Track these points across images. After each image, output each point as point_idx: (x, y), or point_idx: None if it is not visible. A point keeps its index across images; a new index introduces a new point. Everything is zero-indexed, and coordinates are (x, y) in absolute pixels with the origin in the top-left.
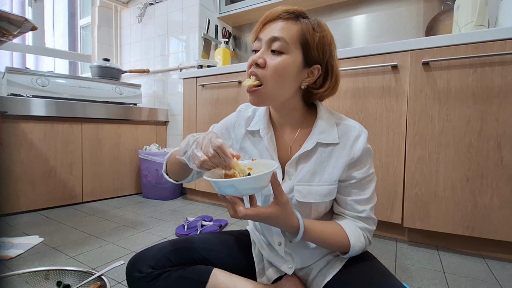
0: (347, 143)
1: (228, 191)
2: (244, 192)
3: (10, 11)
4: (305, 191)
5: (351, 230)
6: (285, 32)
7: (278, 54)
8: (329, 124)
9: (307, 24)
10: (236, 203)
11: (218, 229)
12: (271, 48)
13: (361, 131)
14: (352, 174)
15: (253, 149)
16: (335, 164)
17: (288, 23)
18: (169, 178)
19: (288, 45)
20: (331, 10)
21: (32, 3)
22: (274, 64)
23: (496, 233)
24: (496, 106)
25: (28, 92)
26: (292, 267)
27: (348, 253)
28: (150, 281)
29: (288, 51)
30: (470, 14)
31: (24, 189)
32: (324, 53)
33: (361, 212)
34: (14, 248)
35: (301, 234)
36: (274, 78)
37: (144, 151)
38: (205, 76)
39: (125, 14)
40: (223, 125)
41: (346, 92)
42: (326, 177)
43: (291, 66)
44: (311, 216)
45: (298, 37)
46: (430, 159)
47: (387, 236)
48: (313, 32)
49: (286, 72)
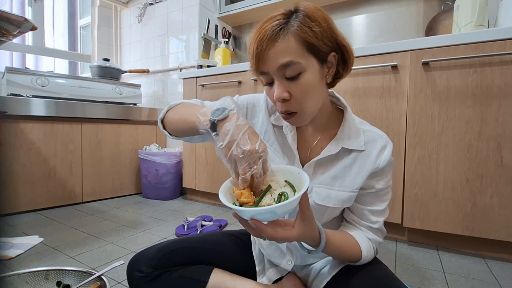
0: (372, 151)
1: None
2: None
3: (10, 11)
4: (325, 194)
5: (363, 242)
6: (288, 53)
7: (297, 78)
8: (355, 130)
9: (300, 27)
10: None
11: (218, 229)
12: (285, 76)
13: (387, 141)
14: (373, 184)
15: (276, 136)
16: (358, 171)
17: (283, 40)
18: (163, 129)
19: (299, 63)
20: (331, 10)
21: (32, 3)
22: (301, 90)
23: (496, 233)
24: (496, 106)
25: (28, 92)
26: (291, 262)
27: (357, 264)
28: (150, 281)
29: (303, 68)
30: (470, 14)
31: (24, 189)
32: (330, 39)
33: (375, 223)
34: (14, 248)
35: (323, 246)
36: (307, 102)
37: (144, 151)
38: (205, 76)
39: (125, 14)
40: (251, 101)
41: (346, 92)
42: (348, 183)
43: (314, 78)
44: (321, 220)
45: (302, 47)
46: (430, 159)
47: (387, 236)
48: (311, 31)
49: (313, 88)
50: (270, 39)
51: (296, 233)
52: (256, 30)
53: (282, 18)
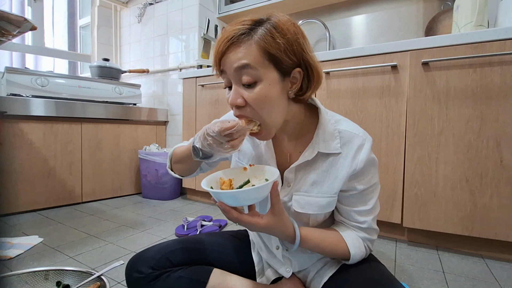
0: (349, 153)
1: (228, 201)
2: (244, 203)
3: (10, 11)
4: (304, 202)
5: (351, 240)
6: (247, 57)
7: (253, 86)
8: (330, 133)
9: (263, 36)
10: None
11: (217, 229)
12: (242, 82)
13: (364, 139)
14: (354, 186)
15: (252, 150)
16: (335, 175)
17: (245, 46)
18: (174, 173)
19: (257, 70)
20: (331, 10)
21: (32, 3)
22: (255, 99)
23: (495, 233)
24: (496, 106)
25: (27, 92)
26: (290, 271)
27: (349, 262)
28: (149, 282)
29: (260, 76)
30: (470, 14)
31: (24, 189)
32: (296, 54)
33: (363, 223)
34: (13, 248)
35: (298, 243)
36: (263, 113)
37: (143, 151)
38: (204, 76)
39: (125, 14)
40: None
41: (345, 92)
42: (326, 188)
43: (271, 89)
44: (309, 224)
45: (263, 55)
46: (430, 159)
47: (387, 236)
48: (274, 41)
49: (270, 100)
50: (232, 42)
51: (264, 223)
52: (223, 31)
53: (250, 24)
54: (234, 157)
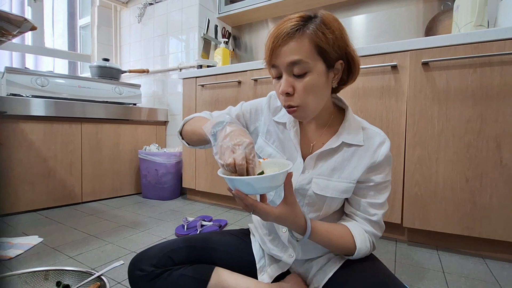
0: (371, 147)
1: (243, 189)
2: (259, 191)
3: (10, 11)
4: (323, 185)
5: (358, 233)
6: (300, 52)
7: (303, 76)
8: (355, 127)
9: (315, 31)
10: (244, 198)
11: (217, 229)
12: (293, 73)
13: (385, 138)
14: (371, 177)
15: (278, 134)
16: (356, 164)
17: (298, 40)
18: (182, 139)
19: (308, 63)
20: (331, 10)
21: (32, 3)
22: (304, 88)
23: (495, 233)
24: (496, 106)
25: (27, 92)
26: (293, 256)
27: (353, 256)
28: (151, 280)
29: (310, 68)
30: (470, 14)
31: (24, 189)
32: (340, 48)
33: (373, 215)
34: (13, 248)
35: (308, 234)
36: (308, 99)
37: (143, 151)
38: (204, 76)
39: (125, 14)
40: (254, 106)
41: (345, 92)
42: (346, 175)
43: (319, 80)
44: (322, 211)
45: (313, 49)
46: (430, 159)
47: (387, 236)
48: (324, 36)
49: (316, 89)
50: (286, 37)
51: (277, 212)
52: (275, 28)
53: (300, 20)
54: (260, 138)
